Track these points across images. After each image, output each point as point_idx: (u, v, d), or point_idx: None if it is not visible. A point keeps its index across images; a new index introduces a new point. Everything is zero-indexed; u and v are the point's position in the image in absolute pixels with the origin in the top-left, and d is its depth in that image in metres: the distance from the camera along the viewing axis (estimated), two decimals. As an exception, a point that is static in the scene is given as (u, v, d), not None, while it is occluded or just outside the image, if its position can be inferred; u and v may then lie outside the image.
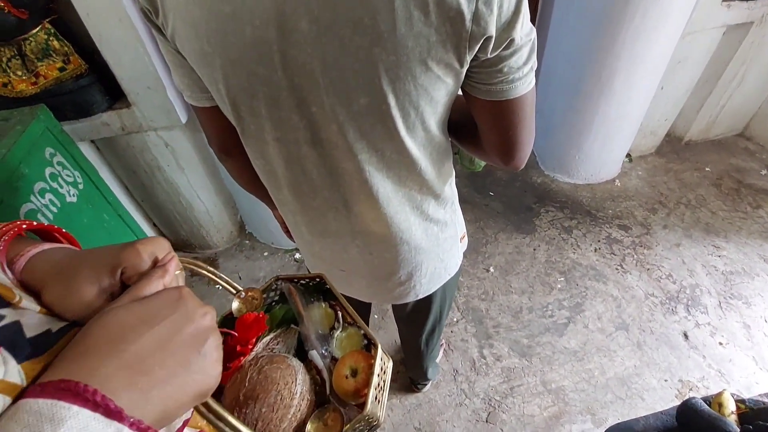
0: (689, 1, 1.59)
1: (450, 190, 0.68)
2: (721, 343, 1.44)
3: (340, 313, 0.47)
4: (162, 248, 0.31)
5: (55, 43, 1.21)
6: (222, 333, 0.33)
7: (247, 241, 1.87)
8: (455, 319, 1.53)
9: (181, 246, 1.81)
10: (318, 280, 0.50)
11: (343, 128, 0.48)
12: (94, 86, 1.28)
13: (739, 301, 1.56)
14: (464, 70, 0.46)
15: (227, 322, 0.43)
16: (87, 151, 1.42)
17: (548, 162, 2.17)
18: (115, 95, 1.34)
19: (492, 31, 0.41)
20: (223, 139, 0.62)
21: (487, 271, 1.68)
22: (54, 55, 1.23)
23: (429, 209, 0.65)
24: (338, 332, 0.46)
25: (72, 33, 1.24)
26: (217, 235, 1.79)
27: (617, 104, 1.83)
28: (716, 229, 1.84)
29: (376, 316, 1.56)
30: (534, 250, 1.75)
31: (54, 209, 1.13)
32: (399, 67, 0.42)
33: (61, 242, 0.35)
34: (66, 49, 1.23)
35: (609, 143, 1.98)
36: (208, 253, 1.82)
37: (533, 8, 2.01)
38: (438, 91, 0.47)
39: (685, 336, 1.46)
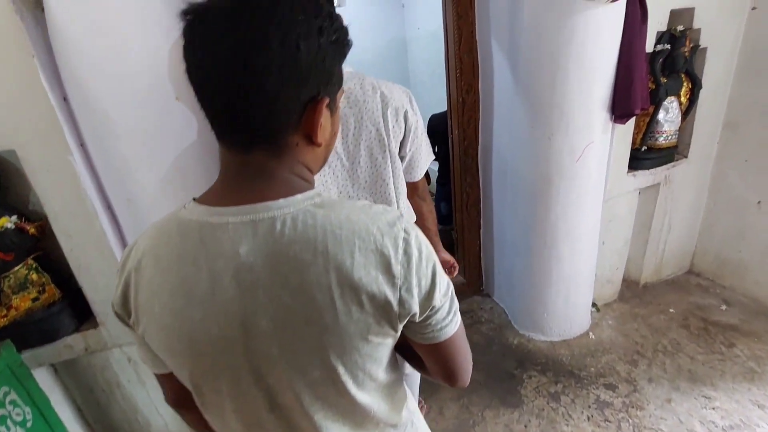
0: (600, 177, 1.90)
1: (407, 411, 0.69)
2: None
3: None
4: None
5: (34, 276, 1.28)
6: None
7: (212, 454, 1.66)
8: None
9: (134, 470, 1.59)
10: None
11: (299, 396, 0.52)
12: (65, 311, 1.31)
13: (753, 463, 1.44)
14: (399, 332, 0.53)
15: None
16: (43, 375, 1.35)
17: (521, 321, 2.21)
18: (83, 316, 1.36)
19: (416, 308, 0.50)
20: (182, 399, 0.63)
21: (480, 460, 1.53)
22: (30, 287, 1.28)
23: None
24: None
25: (52, 263, 1.32)
26: (176, 452, 1.60)
27: (568, 262, 1.99)
28: (701, 377, 1.81)
29: None
30: (525, 427, 1.64)
31: (-9, 461, 1.02)
32: (344, 346, 0.49)
33: None
34: (44, 279, 1.30)
35: (572, 297, 2.07)
36: (165, 474, 1.60)
37: (474, 175, 2.33)
38: (380, 352, 0.54)
39: None
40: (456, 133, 2.19)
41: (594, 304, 2.27)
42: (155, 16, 1.07)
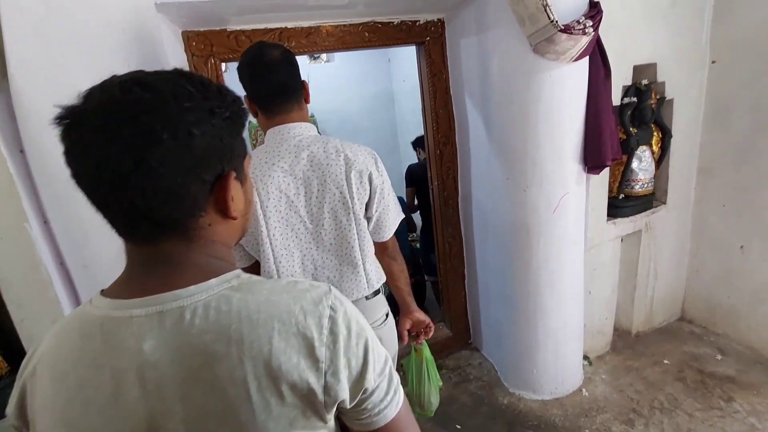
0: (578, 226, 1.89)
1: None
2: None
3: None
4: None
5: (-19, 352, 1.21)
6: None
7: None
8: None
9: None
10: None
11: None
12: (11, 387, 1.22)
13: None
14: (330, 421, 0.48)
15: None
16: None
17: (510, 378, 2.10)
18: (33, 392, 1.26)
19: (343, 395, 0.46)
20: None
21: None
22: (-25, 363, 1.20)
23: None
24: None
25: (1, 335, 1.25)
26: None
27: (554, 313, 1.92)
28: (701, 437, 1.70)
29: None
30: (516, 501, 1.50)
31: None
32: None
33: None
34: (-9, 353, 1.22)
35: (561, 351, 1.98)
36: None
37: (456, 226, 2.31)
38: None
39: None
40: (436, 183, 2.21)
41: (586, 357, 2.18)
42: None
